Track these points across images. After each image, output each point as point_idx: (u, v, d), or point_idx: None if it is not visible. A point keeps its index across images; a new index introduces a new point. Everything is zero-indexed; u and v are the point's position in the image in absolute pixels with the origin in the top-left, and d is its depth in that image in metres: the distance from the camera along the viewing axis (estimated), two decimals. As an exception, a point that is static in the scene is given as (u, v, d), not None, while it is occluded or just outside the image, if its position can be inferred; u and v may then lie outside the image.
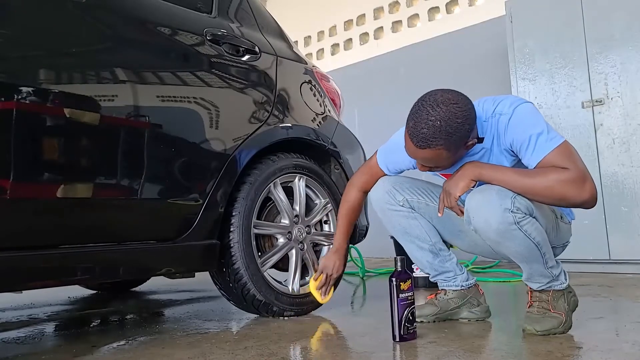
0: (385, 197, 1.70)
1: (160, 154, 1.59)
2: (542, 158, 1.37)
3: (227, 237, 1.78)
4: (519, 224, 1.38)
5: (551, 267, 1.49)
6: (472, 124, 1.38)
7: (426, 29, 4.56)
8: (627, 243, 2.83)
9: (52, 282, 1.47)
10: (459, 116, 1.34)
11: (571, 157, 1.36)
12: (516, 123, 1.41)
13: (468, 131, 1.37)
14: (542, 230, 1.43)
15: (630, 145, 2.86)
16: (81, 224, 1.42)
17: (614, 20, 2.94)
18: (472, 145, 1.44)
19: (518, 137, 1.41)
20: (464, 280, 1.75)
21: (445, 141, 1.34)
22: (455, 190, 1.43)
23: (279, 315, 1.89)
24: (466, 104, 1.37)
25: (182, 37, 1.74)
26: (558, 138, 1.38)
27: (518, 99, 1.45)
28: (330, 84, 2.43)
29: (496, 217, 1.38)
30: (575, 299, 1.58)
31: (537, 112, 1.43)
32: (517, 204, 1.37)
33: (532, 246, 1.42)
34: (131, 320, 2.10)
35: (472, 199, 1.42)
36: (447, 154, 1.39)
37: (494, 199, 1.38)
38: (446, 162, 1.44)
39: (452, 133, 1.34)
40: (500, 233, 1.40)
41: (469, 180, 1.42)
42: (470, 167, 1.43)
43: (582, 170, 1.35)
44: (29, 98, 1.30)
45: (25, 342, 1.72)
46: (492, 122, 1.46)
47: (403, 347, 1.42)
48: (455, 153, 1.41)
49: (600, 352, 1.31)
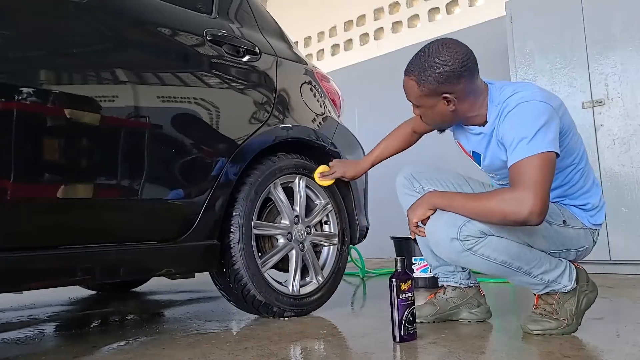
0: (404, 181, 1.78)
1: (161, 155, 1.59)
2: (513, 162, 1.36)
3: (227, 237, 1.78)
4: (470, 249, 1.40)
5: (542, 274, 1.46)
6: (450, 76, 1.39)
7: (426, 29, 4.57)
8: (628, 243, 2.83)
9: (53, 282, 1.46)
10: (442, 59, 1.38)
11: (532, 171, 1.31)
12: (513, 119, 1.40)
13: (443, 78, 1.39)
14: (510, 246, 1.41)
15: (631, 146, 2.86)
16: (81, 225, 1.42)
17: (614, 20, 2.94)
18: (451, 105, 1.44)
19: (508, 134, 1.40)
20: (464, 279, 1.75)
21: (418, 74, 1.42)
22: (412, 217, 1.51)
23: (279, 315, 1.89)
24: (458, 56, 1.39)
25: (183, 38, 1.74)
26: (539, 147, 1.33)
27: (532, 95, 1.40)
28: (331, 85, 2.43)
29: (444, 246, 1.43)
30: (590, 296, 1.53)
31: (540, 115, 1.36)
32: (466, 230, 1.39)
33: (497, 266, 1.43)
34: (131, 321, 2.10)
35: (427, 227, 1.49)
36: (417, 90, 1.44)
37: (441, 228, 1.43)
38: (419, 101, 1.47)
39: (427, 68, 1.40)
40: (454, 260, 1.47)
41: (426, 208, 1.49)
42: (427, 197, 1.50)
43: (531, 188, 1.30)
44: (29, 99, 1.30)
45: (26, 342, 1.72)
46: (499, 110, 1.46)
47: (403, 348, 1.42)
48: (427, 95, 1.44)
49: (601, 352, 1.31)
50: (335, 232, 2.13)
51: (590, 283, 1.55)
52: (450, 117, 1.50)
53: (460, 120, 1.55)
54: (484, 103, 1.49)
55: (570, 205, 1.55)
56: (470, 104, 1.48)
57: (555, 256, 1.50)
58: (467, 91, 1.44)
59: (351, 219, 2.22)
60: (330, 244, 2.12)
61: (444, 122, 1.54)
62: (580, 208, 1.55)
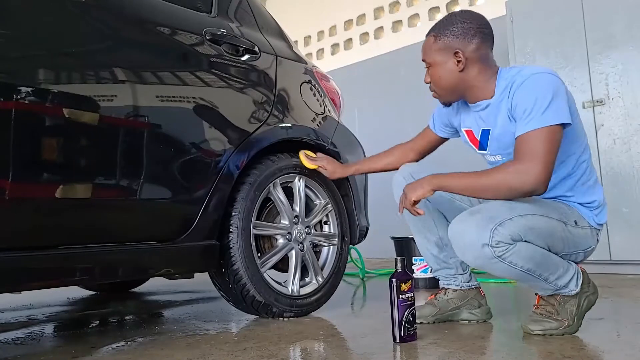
0: (402, 182, 1.74)
1: (160, 154, 1.58)
2: (522, 133, 1.39)
3: (226, 237, 1.77)
4: (500, 257, 1.36)
5: (556, 279, 1.45)
6: (465, 33, 1.48)
7: (427, 28, 4.53)
8: (628, 243, 2.82)
9: (52, 282, 1.46)
10: (462, 17, 1.51)
11: (540, 144, 1.35)
12: (527, 89, 1.41)
13: (458, 33, 1.49)
14: (536, 253, 1.40)
15: (631, 146, 2.85)
16: (80, 225, 1.41)
17: (615, 20, 2.93)
18: (460, 65, 1.49)
19: (521, 104, 1.41)
20: (465, 281, 1.75)
21: (438, 30, 1.53)
22: (411, 195, 1.50)
23: (278, 316, 1.88)
24: (477, 19, 1.51)
25: (182, 37, 1.73)
26: (549, 119, 1.36)
27: (545, 69, 1.44)
28: (330, 84, 2.43)
29: (473, 252, 1.39)
30: (591, 298, 1.52)
31: (553, 85, 1.39)
32: (498, 236, 1.35)
33: (521, 273, 1.41)
34: (130, 321, 2.10)
35: (452, 228, 1.44)
36: (433, 44, 1.54)
37: (472, 231, 1.38)
38: (432, 57, 1.55)
39: (447, 25, 1.51)
40: (479, 265, 1.42)
41: (428, 189, 1.49)
42: (431, 178, 1.50)
43: (538, 158, 1.35)
44: (28, 98, 1.29)
45: (24, 343, 1.72)
46: (508, 82, 1.47)
47: (403, 348, 1.41)
48: (441, 50, 1.52)
49: (601, 352, 1.31)
50: (335, 232, 2.12)
51: (592, 285, 1.54)
52: (457, 79, 1.52)
53: (466, 92, 1.55)
54: (493, 78, 1.52)
55: (577, 203, 1.54)
56: (479, 71, 1.50)
57: (566, 258, 1.50)
58: (479, 55, 1.49)
59: (351, 219, 2.21)
60: (330, 244, 2.12)
61: (451, 86, 1.54)
62: (586, 206, 1.54)
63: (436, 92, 1.60)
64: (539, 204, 1.47)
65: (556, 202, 1.53)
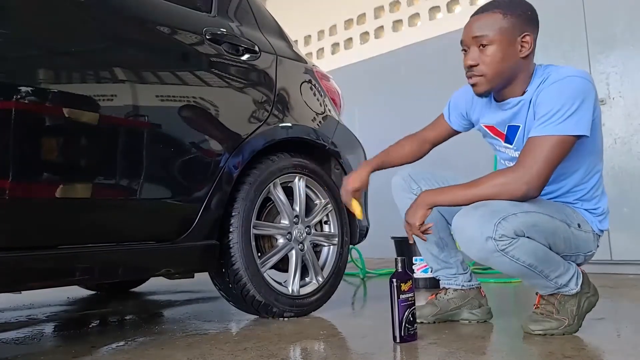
0: (402, 183, 1.74)
1: (159, 154, 1.58)
2: (534, 135, 1.39)
3: (226, 237, 1.77)
4: (503, 250, 1.36)
5: (556, 277, 1.45)
6: (533, 20, 1.43)
7: (427, 28, 4.55)
8: (629, 243, 2.82)
9: (51, 282, 1.46)
10: (529, 7, 1.43)
11: (543, 152, 1.35)
12: (556, 89, 1.38)
13: (529, 17, 1.41)
14: (538, 249, 1.40)
15: (632, 146, 2.84)
16: (80, 224, 1.41)
17: (616, 20, 2.93)
18: (524, 51, 1.41)
19: (545, 104, 1.39)
20: (465, 281, 1.74)
21: (506, 7, 1.40)
22: (414, 220, 1.49)
23: (278, 316, 1.88)
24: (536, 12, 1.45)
25: (182, 36, 1.73)
26: (567, 128, 1.34)
27: (580, 73, 1.40)
28: (331, 84, 2.42)
29: (476, 245, 1.38)
30: (591, 299, 1.52)
31: (585, 93, 1.36)
32: (502, 229, 1.34)
33: (522, 268, 1.40)
34: (130, 321, 2.10)
35: (456, 222, 1.43)
36: (502, 21, 1.39)
37: (475, 224, 1.37)
38: (497, 35, 1.39)
39: (517, 6, 1.41)
40: (482, 259, 1.41)
41: (425, 209, 1.48)
42: (423, 197, 1.49)
43: (533, 169, 1.35)
44: (28, 98, 1.29)
45: (24, 342, 1.72)
46: (542, 79, 1.44)
47: (403, 348, 1.41)
48: (510, 28, 1.39)
49: (602, 352, 1.31)
50: (335, 232, 2.12)
51: (592, 287, 1.55)
52: (515, 65, 1.42)
53: (510, 82, 1.46)
54: (530, 75, 1.47)
55: (582, 209, 1.54)
56: (530, 62, 1.46)
57: (566, 259, 1.50)
58: (534, 47, 1.45)
59: (351, 219, 2.21)
60: (330, 244, 2.11)
61: (505, 71, 1.43)
62: (590, 212, 1.54)
63: (482, 77, 1.44)
64: (544, 204, 1.47)
65: (562, 205, 1.53)
